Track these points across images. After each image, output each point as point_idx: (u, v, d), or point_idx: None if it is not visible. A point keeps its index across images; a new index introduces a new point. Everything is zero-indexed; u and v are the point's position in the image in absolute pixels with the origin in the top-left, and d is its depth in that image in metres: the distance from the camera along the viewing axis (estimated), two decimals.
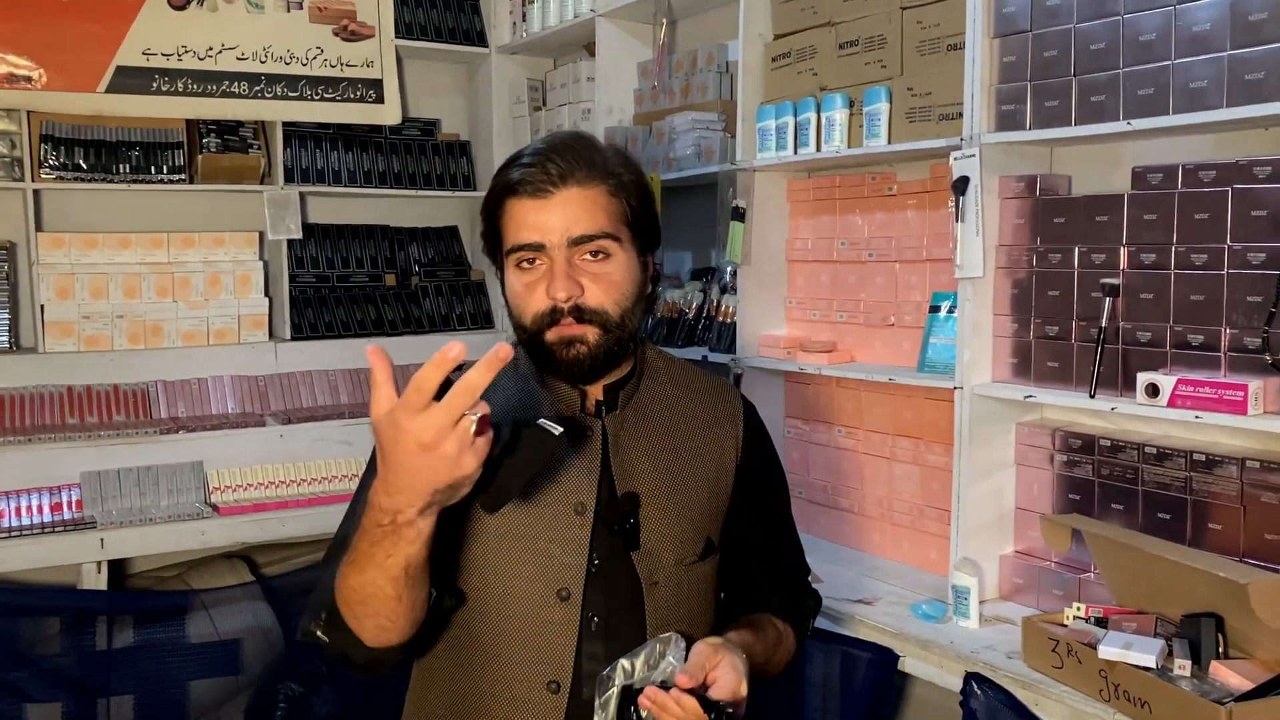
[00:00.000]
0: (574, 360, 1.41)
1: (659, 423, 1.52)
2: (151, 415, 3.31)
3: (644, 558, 1.45)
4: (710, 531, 1.53)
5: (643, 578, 1.45)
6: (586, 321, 1.40)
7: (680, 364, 1.62)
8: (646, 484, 1.47)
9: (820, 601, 1.71)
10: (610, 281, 1.41)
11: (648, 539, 1.46)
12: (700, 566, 1.51)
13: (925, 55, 2.32)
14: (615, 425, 1.48)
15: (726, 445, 1.56)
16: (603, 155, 1.44)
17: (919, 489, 2.49)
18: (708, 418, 1.56)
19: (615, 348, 1.43)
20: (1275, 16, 1.70)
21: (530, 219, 1.40)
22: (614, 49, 3.34)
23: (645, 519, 1.46)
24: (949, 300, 2.32)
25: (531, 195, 1.40)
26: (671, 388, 1.56)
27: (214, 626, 2.99)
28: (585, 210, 1.40)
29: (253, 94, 3.48)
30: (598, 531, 1.44)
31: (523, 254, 1.41)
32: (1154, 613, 1.84)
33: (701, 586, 1.52)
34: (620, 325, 1.42)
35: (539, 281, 1.40)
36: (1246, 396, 1.74)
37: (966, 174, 2.15)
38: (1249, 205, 1.80)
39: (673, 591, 1.47)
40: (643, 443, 1.49)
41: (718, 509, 1.55)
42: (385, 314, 3.76)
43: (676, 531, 1.48)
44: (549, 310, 1.40)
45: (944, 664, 2.03)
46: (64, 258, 3.28)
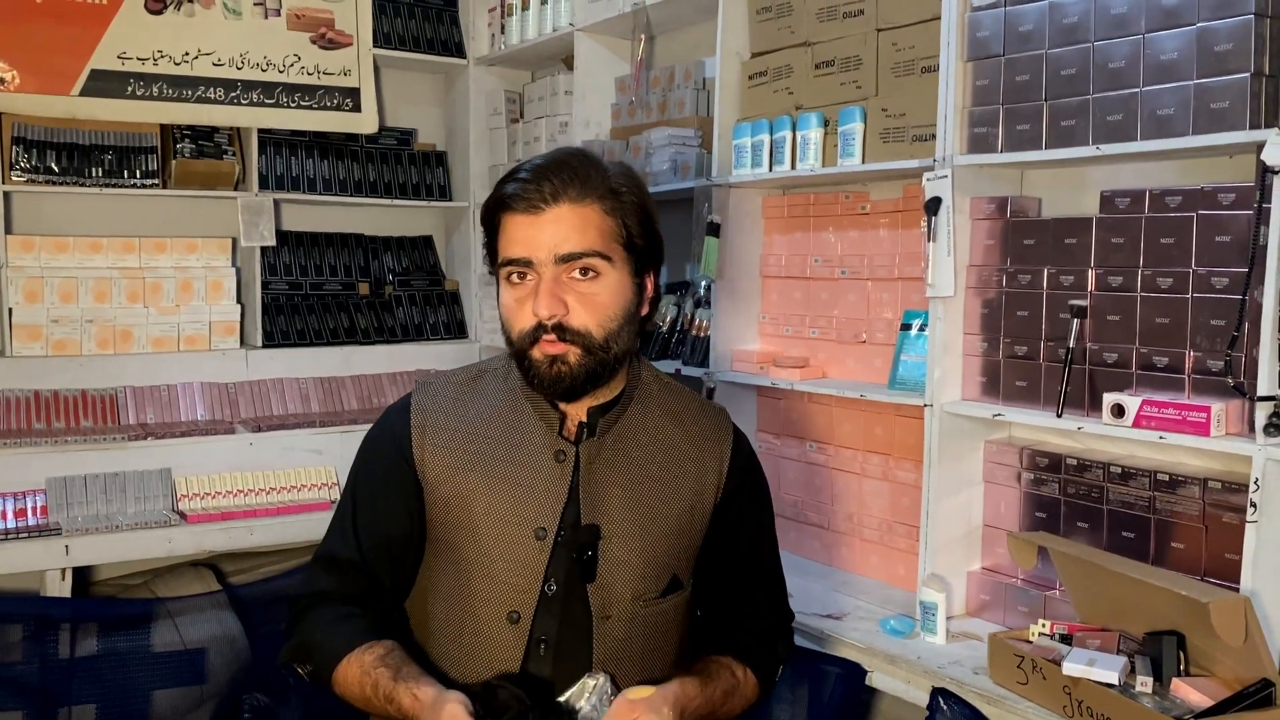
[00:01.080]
0: (555, 378, 1.41)
1: (638, 452, 1.51)
2: (120, 421, 3.28)
3: (598, 590, 1.45)
4: (677, 569, 1.52)
5: (595, 611, 1.45)
6: (568, 341, 1.39)
7: (676, 389, 1.60)
8: (613, 516, 1.46)
9: (792, 646, 1.67)
10: (596, 302, 1.41)
11: (605, 572, 1.45)
12: (661, 603, 1.50)
13: (900, 77, 2.35)
14: (591, 452, 1.47)
15: (708, 480, 1.55)
16: (602, 173, 1.43)
17: (889, 505, 2.51)
18: (692, 452, 1.54)
19: (597, 369, 1.42)
20: (1240, 48, 1.74)
21: (521, 234, 1.40)
22: (592, 63, 3.36)
23: (606, 552, 1.45)
24: (920, 319, 2.34)
25: (524, 210, 1.40)
26: (659, 415, 1.54)
27: (179, 635, 2.96)
28: (575, 228, 1.39)
29: (228, 100, 3.46)
30: (557, 558, 1.44)
31: (513, 268, 1.42)
32: (1118, 630, 1.86)
33: (660, 622, 1.51)
34: (604, 347, 1.41)
35: (527, 297, 1.41)
36: (1209, 418, 1.77)
37: (939, 194, 2.18)
38: (1213, 230, 1.84)
39: (625, 627, 1.47)
40: (616, 472, 1.48)
41: (688, 546, 1.53)
42: (358, 323, 3.75)
43: (638, 568, 1.47)
44: (533, 327, 1.40)
45: (911, 679, 2.05)
46: (33, 261, 3.25)
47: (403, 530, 1.51)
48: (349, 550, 1.51)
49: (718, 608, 1.58)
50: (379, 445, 1.55)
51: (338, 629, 1.45)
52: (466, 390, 1.54)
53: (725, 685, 1.49)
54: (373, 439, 1.57)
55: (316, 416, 3.48)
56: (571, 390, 1.43)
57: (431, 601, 1.51)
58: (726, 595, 1.58)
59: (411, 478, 1.50)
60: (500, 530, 1.45)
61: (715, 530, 1.56)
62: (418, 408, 1.52)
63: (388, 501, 1.51)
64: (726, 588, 1.58)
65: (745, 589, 1.60)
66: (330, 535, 1.55)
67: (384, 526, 1.51)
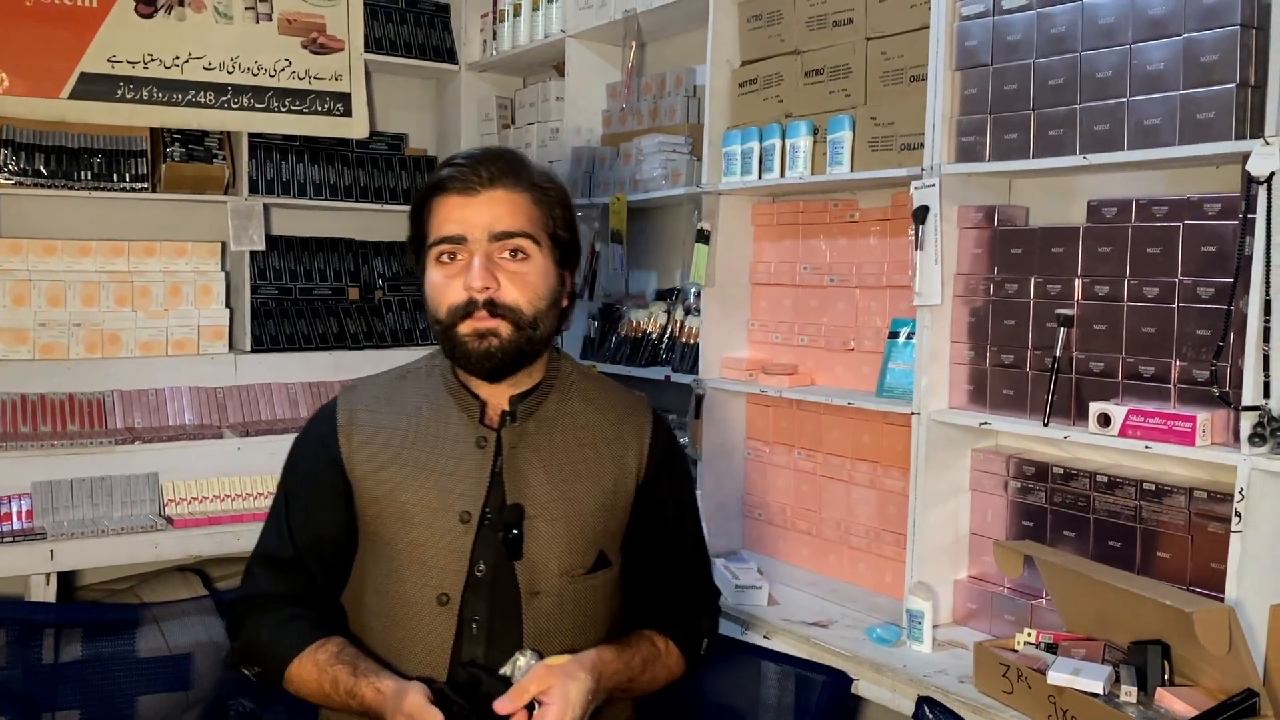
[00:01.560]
0: (484, 353, 1.47)
1: (560, 436, 1.56)
2: (106, 425, 3.27)
3: (526, 568, 1.50)
4: (604, 545, 1.57)
5: (523, 587, 1.50)
6: (499, 316, 1.46)
7: (596, 379, 1.67)
8: (537, 496, 1.52)
9: (718, 623, 1.74)
10: (526, 281, 1.48)
11: (532, 550, 1.50)
12: (590, 579, 1.55)
13: (888, 86, 2.36)
14: (514, 437, 1.53)
15: (629, 461, 1.60)
16: (531, 170, 1.52)
17: (876, 513, 2.51)
18: (613, 433, 1.60)
19: (525, 347, 1.49)
20: (1226, 59, 1.75)
21: (455, 214, 1.48)
22: (583, 70, 3.36)
23: (532, 530, 1.51)
24: (908, 327, 2.35)
25: (459, 192, 1.48)
26: (580, 402, 1.60)
27: (165, 640, 2.94)
28: (509, 210, 1.47)
29: (219, 104, 3.46)
30: (484, 540, 1.50)
31: (444, 247, 1.48)
32: (1103, 639, 1.86)
33: (590, 598, 1.56)
34: (533, 324, 1.48)
35: (457, 275, 1.47)
36: (1195, 428, 1.77)
37: (926, 203, 2.18)
38: (1199, 240, 1.85)
39: (555, 603, 1.52)
40: (540, 455, 1.54)
41: (614, 524, 1.59)
42: (348, 328, 3.74)
43: (564, 543, 1.52)
44: (464, 302, 1.46)
45: (897, 687, 2.04)
46: (21, 264, 3.24)
47: (335, 528, 1.57)
48: (285, 549, 1.57)
49: (643, 585, 1.64)
50: (307, 447, 1.62)
51: (286, 630, 1.52)
52: (390, 390, 1.61)
53: (645, 654, 1.56)
54: (301, 442, 1.64)
55: (305, 421, 3.46)
56: (500, 367, 1.49)
57: (366, 593, 1.56)
58: (651, 573, 1.64)
59: (340, 477, 1.56)
60: (426, 517, 1.51)
61: (639, 510, 1.61)
62: (343, 408, 1.60)
63: (319, 501, 1.57)
64: (651, 566, 1.64)
65: (669, 567, 1.66)
66: (266, 535, 1.61)
67: (316, 525, 1.57)
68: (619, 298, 3.32)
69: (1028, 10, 2.04)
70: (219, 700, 2.93)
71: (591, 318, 3.32)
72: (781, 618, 2.35)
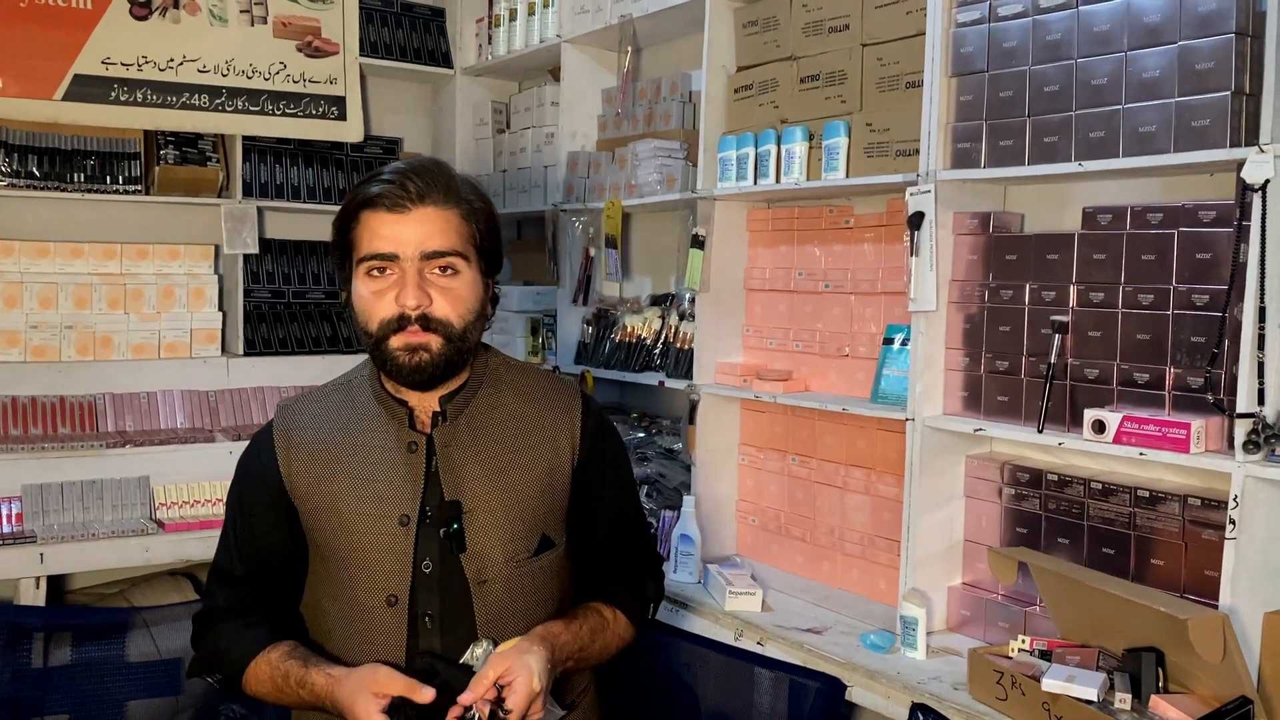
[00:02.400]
0: (416, 366, 1.52)
1: (492, 429, 1.62)
2: (98, 428, 3.25)
3: (472, 559, 1.56)
4: (546, 528, 1.63)
5: (470, 577, 1.56)
6: (431, 330, 1.51)
7: (523, 369, 1.72)
8: (475, 489, 1.57)
9: (662, 588, 1.80)
10: (456, 296, 1.53)
11: (475, 541, 1.56)
12: (536, 562, 1.61)
13: (884, 92, 2.36)
14: (445, 436, 1.59)
15: (562, 445, 1.65)
16: (457, 183, 1.56)
17: (870, 519, 2.50)
18: (543, 420, 1.65)
19: (455, 358, 1.54)
20: (1221, 66, 1.75)
21: (386, 231, 1.50)
22: (579, 75, 3.36)
23: (472, 522, 1.56)
24: (903, 333, 2.35)
25: (389, 209, 1.50)
26: (509, 393, 1.66)
27: (155, 645, 2.93)
28: (439, 229, 1.51)
29: (213, 106, 3.45)
30: (426, 538, 1.56)
31: (375, 263, 1.51)
32: (1097, 646, 1.86)
33: (539, 580, 1.62)
34: (462, 337, 1.54)
35: (388, 290, 1.51)
36: (1189, 435, 1.77)
37: (922, 209, 2.18)
38: (1194, 248, 1.85)
39: (504, 588, 1.58)
40: (473, 450, 1.59)
41: (554, 507, 1.64)
42: (340, 331, 3.73)
43: (506, 531, 1.58)
44: (396, 317, 1.50)
45: (891, 694, 2.04)
46: (13, 266, 3.22)
47: (280, 545, 1.63)
48: (235, 565, 1.64)
49: (588, 560, 1.71)
50: (249, 470, 1.67)
51: (242, 636, 1.59)
52: (322, 405, 1.66)
53: (592, 624, 1.63)
54: (243, 465, 1.69)
55: None
56: (432, 378, 1.54)
57: (322, 600, 1.62)
58: (595, 548, 1.71)
59: (283, 496, 1.62)
60: (367, 524, 1.56)
61: (577, 490, 1.67)
62: (279, 429, 1.65)
63: (264, 520, 1.63)
64: (594, 541, 1.70)
65: (611, 540, 1.72)
66: (219, 553, 1.67)
67: (262, 543, 1.63)
68: (613, 303, 3.32)
69: (1024, 17, 2.04)
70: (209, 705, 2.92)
71: (586, 323, 3.32)
72: (775, 624, 2.35)
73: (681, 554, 2.65)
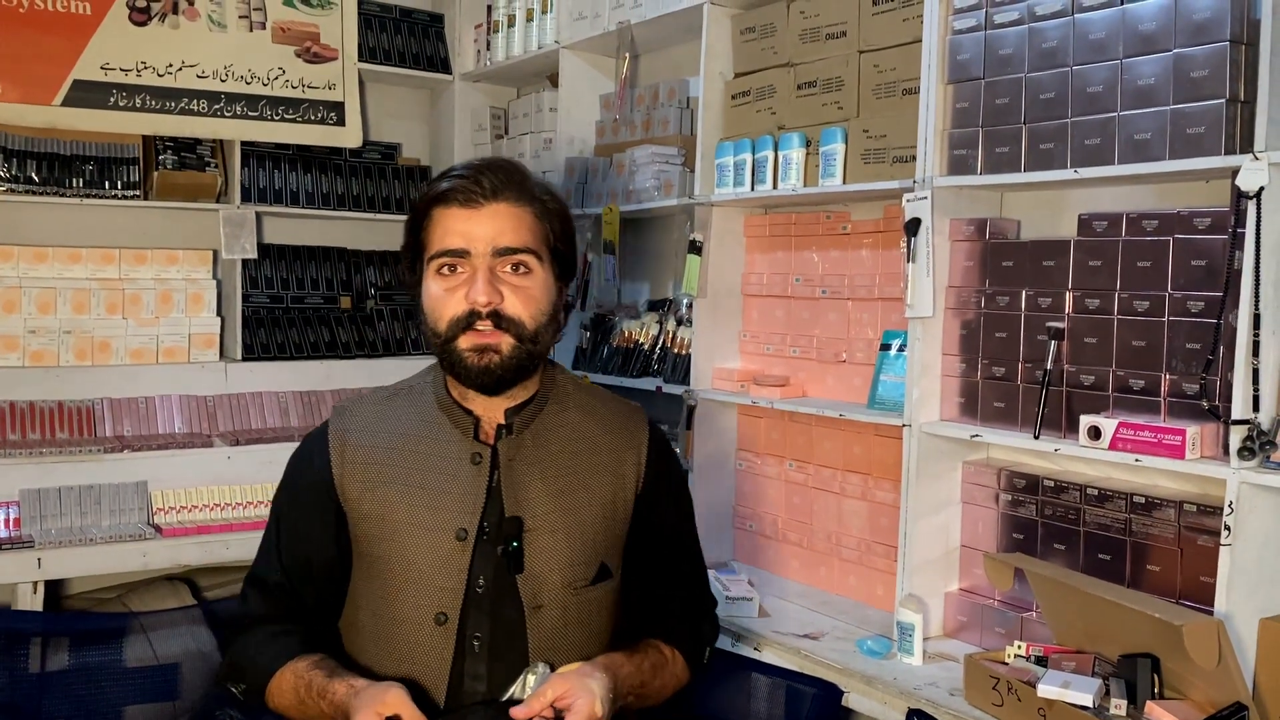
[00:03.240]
0: (485, 368, 1.45)
1: (557, 447, 1.54)
2: (96, 433, 3.25)
3: (528, 581, 1.48)
4: (605, 556, 1.55)
5: (525, 601, 1.47)
6: (503, 329, 1.44)
7: (591, 390, 1.65)
8: (537, 508, 1.50)
9: (718, 629, 1.74)
10: (529, 295, 1.47)
11: (534, 562, 1.48)
12: (592, 591, 1.53)
13: (881, 99, 2.37)
14: (510, 450, 1.51)
15: (627, 472, 1.58)
16: (532, 182, 1.50)
17: (867, 525, 2.51)
18: (610, 443, 1.58)
19: (525, 360, 1.47)
20: (1216, 74, 1.76)
21: (458, 227, 1.45)
22: (577, 81, 3.37)
23: (532, 543, 1.48)
24: (899, 339, 2.35)
25: (462, 204, 1.45)
26: (577, 413, 1.59)
27: (152, 650, 2.92)
28: (512, 225, 1.45)
29: (212, 112, 3.46)
30: (482, 555, 1.47)
31: (446, 260, 1.46)
32: (1093, 652, 1.86)
33: (593, 610, 1.54)
34: (534, 339, 1.47)
35: (459, 287, 1.45)
36: (1185, 441, 1.78)
37: (918, 216, 2.19)
38: (1189, 255, 1.85)
39: (559, 615, 1.49)
40: (538, 467, 1.52)
41: (614, 535, 1.57)
42: (339, 336, 3.74)
43: (566, 555, 1.50)
44: (466, 314, 1.44)
45: (887, 700, 2.04)
46: (11, 271, 3.22)
47: (325, 552, 1.55)
48: (274, 573, 1.56)
49: (643, 595, 1.62)
50: (300, 470, 1.60)
51: (270, 646, 1.50)
52: (382, 409, 1.58)
53: (654, 660, 1.54)
54: (294, 465, 1.62)
55: (295, 430, 3.45)
56: (500, 381, 1.47)
57: (360, 616, 1.54)
58: (652, 582, 1.62)
59: (332, 500, 1.54)
60: (421, 536, 1.48)
61: (638, 520, 1.60)
62: (335, 430, 1.57)
63: (309, 525, 1.55)
64: (652, 575, 1.62)
65: (669, 576, 1.64)
66: (259, 558, 1.60)
67: (305, 549, 1.55)
68: (611, 308, 3.32)
69: (1020, 25, 2.05)
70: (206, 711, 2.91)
71: (584, 328, 3.32)
72: (772, 630, 2.35)
73: None
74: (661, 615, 1.62)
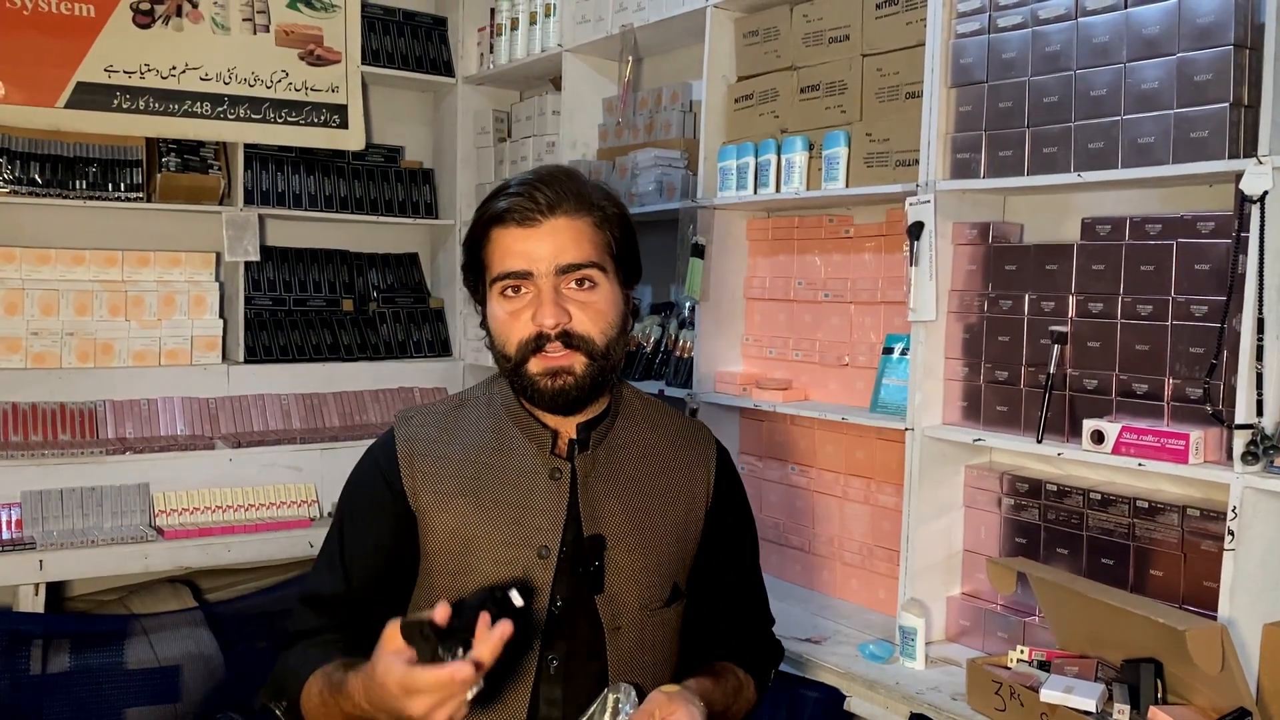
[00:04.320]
0: (559, 391, 1.40)
1: (630, 464, 1.50)
2: (98, 435, 3.25)
3: (608, 601, 1.43)
4: (677, 577, 1.51)
5: (605, 622, 1.43)
6: (574, 348, 1.39)
7: (656, 404, 1.60)
8: (614, 526, 1.45)
9: (782, 653, 1.70)
10: (597, 310, 1.41)
11: (612, 582, 1.44)
12: (665, 612, 1.49)
13: (884, 102, 2.36)
14: (586, 466, 1.46)
15: (698, 489, 1.55)
16: (588, 188, 1.45)
17: (869, 529, 2.50)
18: (680, 460, 1.54)
19: (600, 378, 1.42)
20: (1220, 78, 1.75)
21: (518, 247, 1.40)
22: (580, 84, 3.37)
23: (611, 562, 1.44)
24: (902, 342, 2.35)
25: (520, 224, 1.40)
26: (646, 429, 1.54)
27: (154, 652, 2.93)
28: (573, 240, 1.40)
29: (215, 114, 3.46)
30: (561, 574, 1.42)
31: (508, 282, 1.40)
32: (1096, 657, 1.86)
33: (666, 632, 1.50)
34: (605, 355, 1.42)
35: (524, 309, 1.40)
36: (1188, 446, 1.78)
37: (921, 219, 2.18)
38: (1193, 259, 1.85)
39: (636, 637, 1.45)
40: (612, 484, 1.47)
41: (686, 554, 1.53)
42: (342, 339, 3.74)
43: (643, 576, 1.46)
44: (533, 337, 1.39)
45: (889, 704, 2.03)
46: (14, 272, 3.23)
47: (395, 561, 1.47)
48: (336, 585, 1.46)
49: (712, 615, 1.57)
50: (366, 480, 1.51)
51: (309, 654, 1.40)
52: (449, 420, 1.52)
53: (732, 685, 1.50)
54: (359, 475, 1.53)
55: (297, 433, 3.45)
56: (577, 401, 1.42)
57: None
58: (722, 603, 1.58)
59: (404, 509, 1.46)
60: (502, 553, 1.42)
61: (707, 537, 1.56)
62: (402, 439, 1.49)
63: (378, 533, 1.47)
64: (719, 595, 1.58)
65: (736, 597, 1.60)
66: (316, 573, 1.50)
67: (374, 557, 1.47)
68: None
69: (1023, 29, 2.05)
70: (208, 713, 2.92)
71: None
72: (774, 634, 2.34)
73: None
74: (731, 637, 1.58)
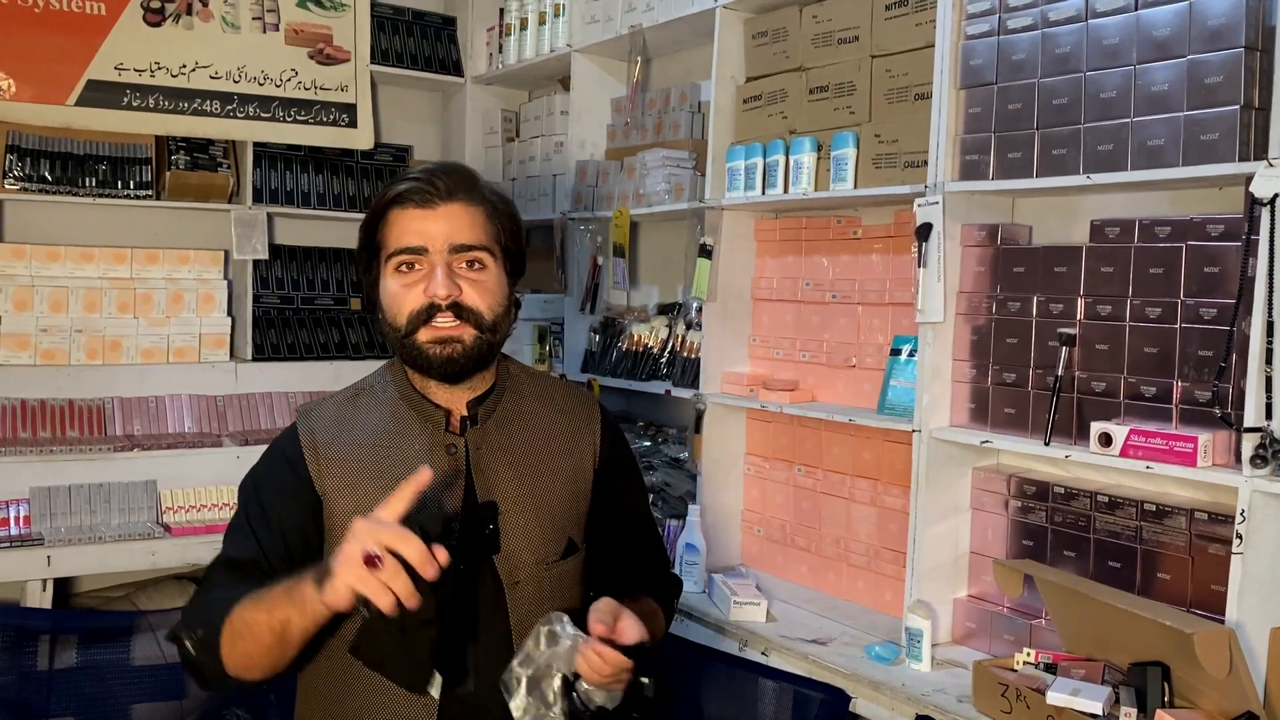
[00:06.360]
0: (448, 359, 1.51)
1: (520, 433, 1.62)
2: (106, 432, 3.26)
3: (505, 560, 1.55)
4: (572, 532, 1.63)
5: (504, 578, 1.54)
6: (463, 319, 1.51)
7: (543, 377, 1.74)
8: (507, 492, 1.57)
9: (682, 586, 1.84)
10: (486, 288, 1.54)
11: (508, 542, 1.56)
12: (562, 565, 1.61)
13: (893, 103, 2.36)
14: (477, 439, 1.58)
15: (585, 451, 1.66)
16: (481, 184, 1.58)
17: (876, 530, 2.50)
18: (567, 425, 1.66)
19: (486, 350, 1.54)
20: (1230, 81, 1.75)
21: (414, 226, 1.52)
22: (588, 84, 3.38)
23: (506, 524, 1.56)
24: (910, 344, 2.35)
25: (418, 205, 1.52)
26: (533, 401, 1.66)
27: (160, 649, 2.93)
28: (467, 223, 1.53)
29: (224, 113, 3.47)
30: (462, 541, 1.53)
31: (404, 258, 1.52)
32: (1102, 660, 1.86)
33: (564, 583, 1.61)
34: (493, 329, 1.54)
35: (417, 283, 1.52)
36: (1196, 449, 1.77)
37: (930, 221, 2.18)
38: (1202, 261, 1.85)
39: (534, 590, 1.57)
40: (504, 453, 1.59)
41: (579, 511, 1.65)
42: (349, 337, 3.74)
43: (536, 533, 1.58)
44: (425, 308, 1.50)
45: (895, 706, 2.03)
46: (24, 269, 3.24)
47: (302, 540, 1.53)
48: (248, 550, 1.52)
49: (613, 563, 1.70)
50: (274, 467, 1.58)
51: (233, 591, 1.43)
52: (347, 409, 1.62)
53: (649, 609, 1.62)
54: (265, 465, 1.60)
55: None
56: (464, 370, 1.53)
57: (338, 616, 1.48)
58: (619, 551, 1.71)
59: (309, 492, 1.54)
60: None
61: (598, 495, 1.67)
62: (305, 430, 1.59)
63: (287, 511, 1.54)
64: (618, 545, 1.71)
65: (632, 544, 1.73)
66: (226, 542, 1.56)
67: (281, 526, 1.53)
68: (620, 311, 3.32)
69: (1033, 30, 2.05)
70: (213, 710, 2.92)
71: (593, 331, 3.32)
72: (780, 634, 2.35)
73: (686, 563, 2.65)
74: (635, 576, 1.71)
